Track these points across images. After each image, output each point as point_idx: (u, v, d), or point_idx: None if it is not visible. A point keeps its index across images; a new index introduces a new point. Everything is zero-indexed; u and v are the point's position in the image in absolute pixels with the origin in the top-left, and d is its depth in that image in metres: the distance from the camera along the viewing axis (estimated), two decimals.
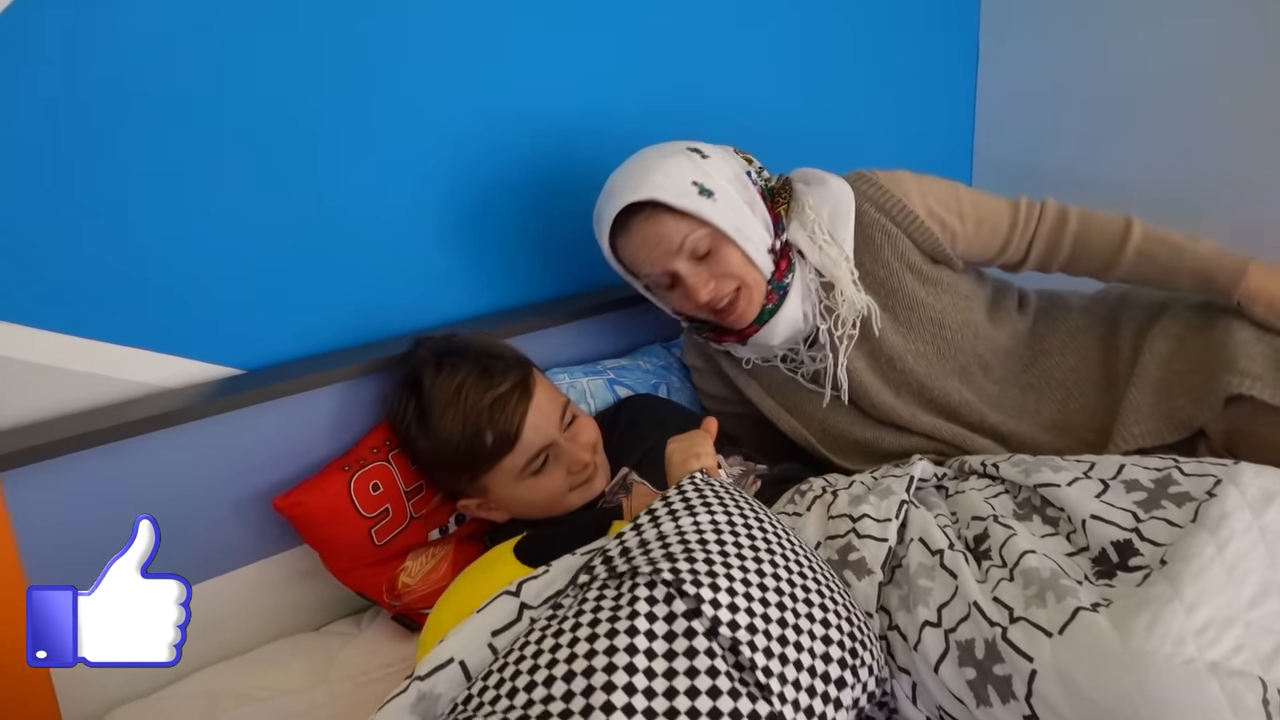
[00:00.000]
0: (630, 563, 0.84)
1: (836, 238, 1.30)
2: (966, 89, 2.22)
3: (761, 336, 1.31)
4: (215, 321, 1.26)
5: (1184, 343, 1.30)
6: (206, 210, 1.22)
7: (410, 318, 1.43)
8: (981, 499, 1.09)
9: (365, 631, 1.30)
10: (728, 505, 0.93)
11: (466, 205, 1.47)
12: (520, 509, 1.25)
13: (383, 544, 1.24)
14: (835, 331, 1.31)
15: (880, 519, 1.06)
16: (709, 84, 1.75)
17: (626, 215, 1.24)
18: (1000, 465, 1.13)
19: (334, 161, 1.32)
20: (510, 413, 1.18)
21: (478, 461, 1.19)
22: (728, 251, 1.25)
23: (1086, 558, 0.97)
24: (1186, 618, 0.83)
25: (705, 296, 1.24)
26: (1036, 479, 1.06)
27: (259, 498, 1.24)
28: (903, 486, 1.11)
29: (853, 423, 1.39)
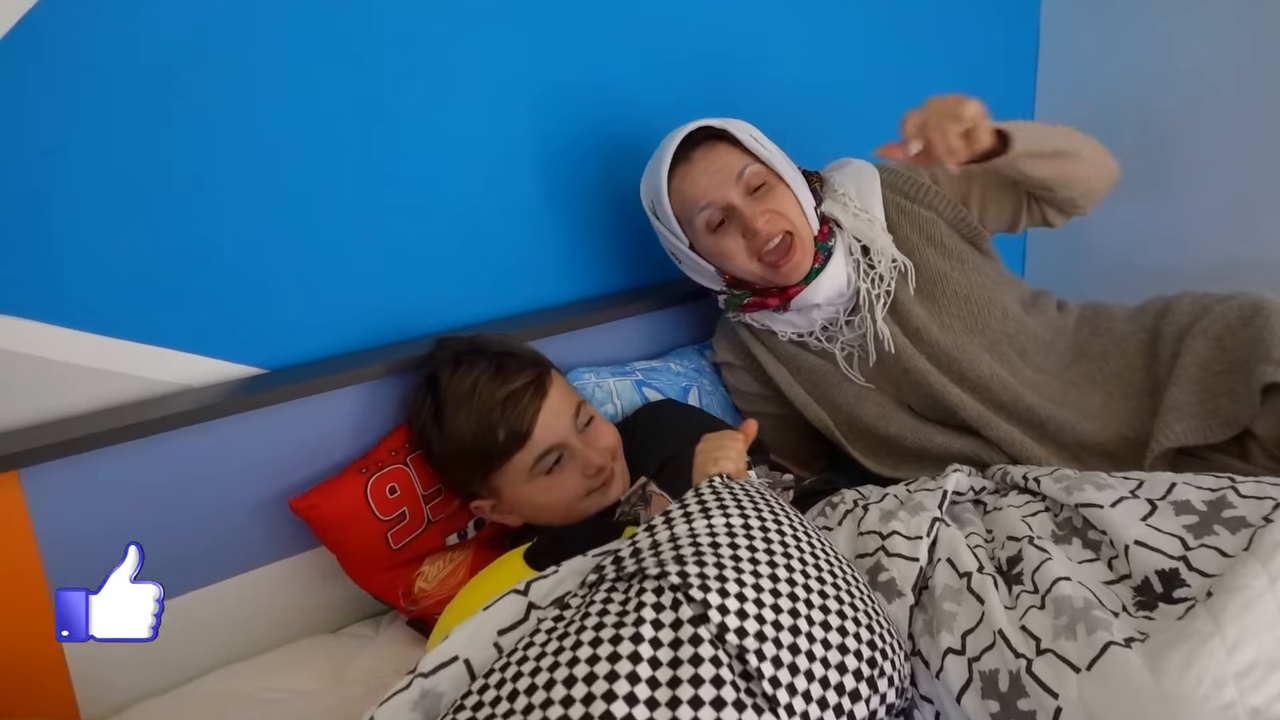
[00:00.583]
0: (639, 563, 0.82)
1: (867, 207, 1.38)
2: (1026, 82, 2.16)
3: (806, 296, 1.34)
4: (239, 320, 1.25)
5: (1222, 343, 1.27)
6: (232, 209, 1.22)
7: (435, 318, 1.41)
8: (1019, 517, 1.03)
9: (383, 635, 1.28)
10: (745, 508, 0.89)
11: (494, 206, 1.46)
12: (533, 512, 1.22)
13: (399, 547, 1.22)
14: (874, 290, 1.34)
15: (910, 536, 1.01)
16: (754, 70, 1.72)
17: (688, 148, 1.31)
18: (1042, 480, 1.07)
19: (359, 163, 1.31)
20: (523, 409, 1.16)
21: (489, 458, 1.17)
22: (782, 192, 1.32)
23: (1128, 586, 0.90)
24: (1228, 658, 0.76)
25: (760, 224, 1.28)
26: (1079, 497, 1.00)
27: (280, 497, 1.23)
28: (935, 502, 1.05)
29: (880, 416, 1.38)
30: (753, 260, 1.32)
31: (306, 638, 1.30)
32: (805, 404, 1.43)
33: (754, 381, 1.50)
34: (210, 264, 1.22)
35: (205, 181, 1.20)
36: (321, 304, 1.32)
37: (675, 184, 1.33)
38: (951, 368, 1.34)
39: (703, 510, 0.88)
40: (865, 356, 1.39)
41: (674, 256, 1.44)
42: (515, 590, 0.86)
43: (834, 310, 1.39)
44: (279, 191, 1.25)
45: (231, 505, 1.22)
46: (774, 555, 0.84)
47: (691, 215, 1.33)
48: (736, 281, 1.39)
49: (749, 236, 1.30)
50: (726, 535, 0.85)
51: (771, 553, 0.84)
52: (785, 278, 1.33)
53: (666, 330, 1.62)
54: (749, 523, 0.87)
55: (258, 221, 1.25)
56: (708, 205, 1.30)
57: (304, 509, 1.18)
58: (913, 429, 1.36)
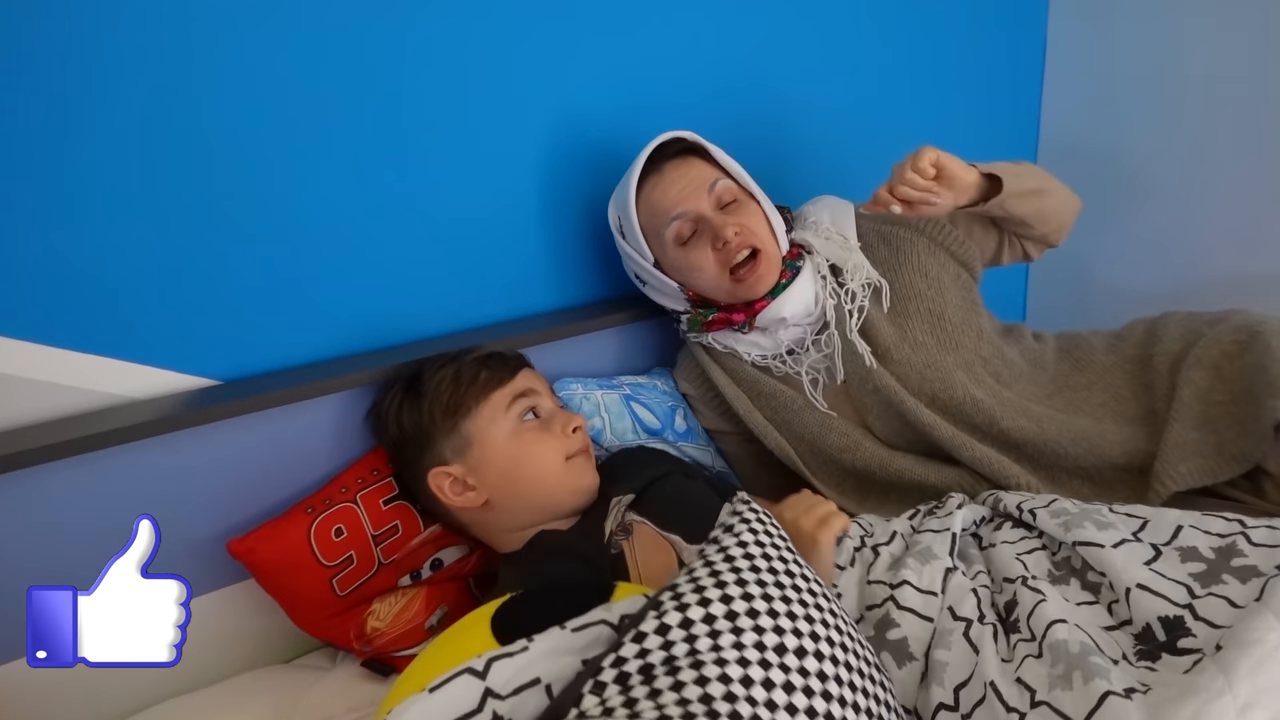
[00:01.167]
0: (651, 687, 0.70)
1: (841, 231, 1.37)
2: (1033, 85, 2.13)
3: (772, 311, 1.30)
4: (189, 329, 1.18)
5: (1221, 371, 1.20)
6: (180, 210, 1.15)
7: (407, 327, 1.35)
8: (1013, 555, 0.97)
9: (339, 668, 1.20)
10: (780, 619, 0.76)
11: (478, 213, 1.39)
12: (506, 482, 1.13)
13: (345, 594, 1.14)
14: (847, 306, 1.31)
15: (923, 589, 0.94)
16: (762, 91, 1.70)
17: (659, 161, 1.30)
18: (1038, 513, 1.00)
19: (322, 162, 1.24)
20: (506, 356, 1.22)
21: (465, 397, 1.14)
22: (752, 209, 1.31)
23: (1128, 633, 0.83)
24: (1239, 717, 0.69)
25: (729, 233, 1.25)
26: (1078, 535, 0.92)
27: (231, 518, 1.17)
28: (945, 548, 0.98)
29: (844, 448, 1.31)
30: (723, 273, 1.28)
31: (256, 669, 1.22)
32: (765, 432, 1.36)
33: (715, 416, 1.44)
34: (157, 268, 1.15)
35: (150, 179, 1.12)
36: (280, 312, 1.24)
37: (645, 194, 1.31)
38: (923, 388, 1.27)
39: (728, 614, 0.75)
40: (831, 381, 1.33)
41: (637, 278, 1.41)
42: (471, 670, 0.75)
43: (800, 331, 1.34)
44: (231, 191, 1.18)
45: (179, 524, 1.14)
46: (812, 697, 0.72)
47: (660, 227, 1.30)
48: (701, 300, 1.34)
49: (718, 248, 1.27)
50: (759, 666, 0.71)
51: (810, 691, 0.72)
52: (750, 290, 1.29)
53: (651, 347, 1.56)
54: (784, 643, 0.74)
55: (210, 224, 1.17)
56: (679, 215, 1.28)
57: (242, 553, 1.10)
58: (880, 463, 1.29)
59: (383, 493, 1.19)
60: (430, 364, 1.20)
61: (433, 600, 1.19)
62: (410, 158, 1.31)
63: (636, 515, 1.12)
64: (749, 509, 0.90)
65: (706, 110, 1.60)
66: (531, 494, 1.15)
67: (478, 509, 1.15)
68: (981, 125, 2.05)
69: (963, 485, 1.24)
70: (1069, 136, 2.12)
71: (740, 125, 1.65)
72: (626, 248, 1.37)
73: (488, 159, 1.38)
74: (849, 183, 1.55)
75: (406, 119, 1.29)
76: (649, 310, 1.47)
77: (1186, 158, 1.93)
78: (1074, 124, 2.11)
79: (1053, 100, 2.14)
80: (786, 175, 1.69)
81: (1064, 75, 2.11)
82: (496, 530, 1.17)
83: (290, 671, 1.22)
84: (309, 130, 1.22)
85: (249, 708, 1.13)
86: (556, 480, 1.16)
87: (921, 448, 1.29)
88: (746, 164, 1.35)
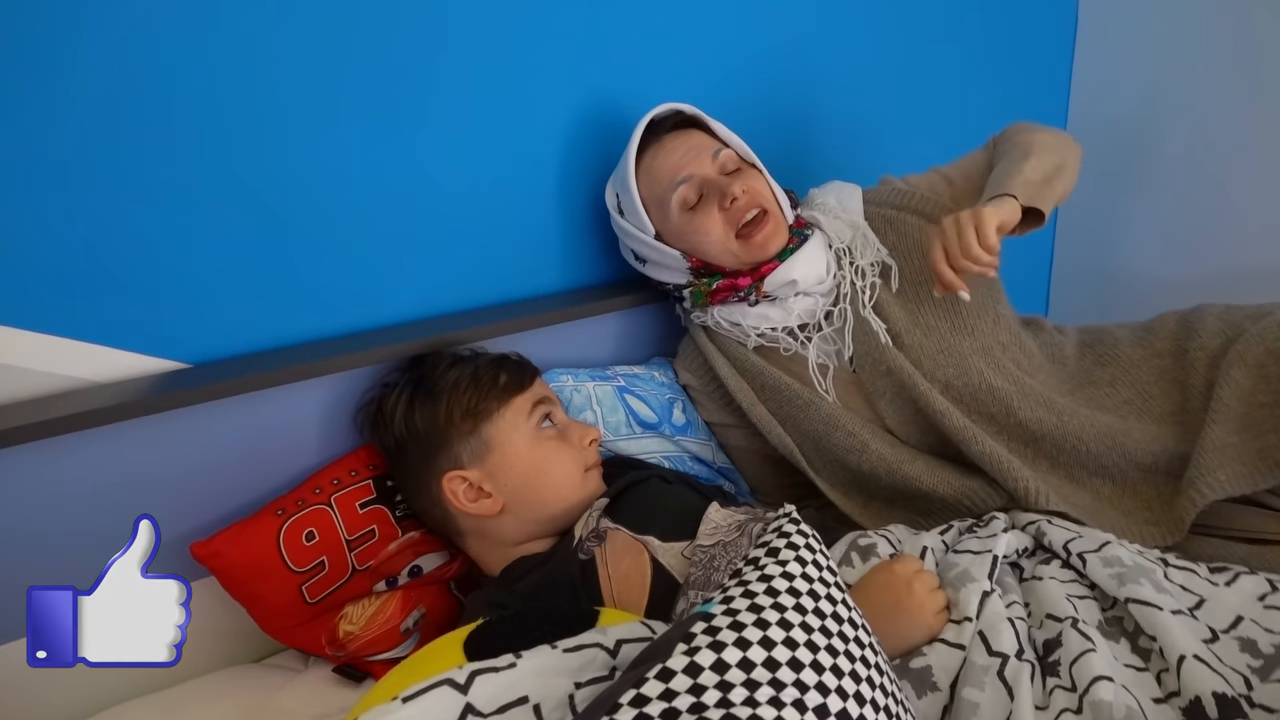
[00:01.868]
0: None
1: (847, 210, 1.33)
2: (1062, 64, 2.04)
3: (781, 273, 1.24)
4: (156, 307, 1.09)
5: (1265, 370, 1.13)
6: (147, 178, 1.05)
7: (382, 310, 1.26)
8: (1063, 594, 0.88)
9: (310, 671, 1.14)
10: (824, 674, 0.67)
11: (479, 192, 1.31)
12: (525, 489, 1.08)
13: (315, 601, 1.07)
14: (859, 282, 1.26)
15: (956, 618, 0.87)
16: (789, 80, 1.64)
17: (659, 133, 1.26)
18: (1088, 559, 0.91)
19: (296, 131, 1.14)
20: (522, 362, 1.17)
21: (486, 400, 1.09)
22: (755, 176, 1.26)
23: (1176, 707, 0.76)
24: None
25: (737, 189, 1.21)
26: (1132, 592, 0.84)
27: (197, 514, 1.09)
28: (984, 570, 0.90)
29: (850, 448, 1.23)
30: (730, 233, 1.23)
31: (225, 668, 1.15)
32: (768, 426, 1.28)
33: (717, 408, 1.37)
34: (120, 244, 1.06)
35: (114, 147, 1.03)
36: (263, 288, 1.16)
37: (645, 165, 1.27)
38: (937, 374, 1.21)
39: (768, 661, 0.66)
40: (841, 367, 1.26)
41: (635, 258, 1.34)
42: (451, 681, 0.68)
43: (812, 303, 1.27)
44: (201, 162, 1.09)
45: (140, 514, 1.07)
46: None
47: (663, 194, 1.25)
48: (704, 268, 1.27)
49: (725, 207, 1.22)
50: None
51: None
52: (758, 249, 1.24)
53: (654, 327, 1.48)
54: (826, 703, 0.66)
55: (178, 195, 1.08)
56: (684, 179, 1.24)
57: (206, 556, 1.03)
58: (887, 468, 1.21)
59: (359, 495, 1.12)
60: (435, 362, 1.14)
61: (409, 602, 1.12)
62: (410, 130, 1.23)
63: (610, 521, 1.05)
64: (795, 527, 0.82)
65: (726, 93, 1.52)
66: (548, 503, 1.09)
67: (489, 517, 1.08)
68: (1008, 106, 1.95)
69: (972, 499, 1.17)
70: (1098, 117, 2.03)
71: (760, 107, 1.58)
72: (625, 224, 1.30)
73: (497, 136, 1.31)
74: (871, 166, 1.47)
75: (402, 90, 1.21)
76: (650, 295, 1.39)
77: (1219, 143, 1.85)
78: (1103, 106, 2.03)
79: (1082, 81, 2.05)
80: (807, 158, 1.61)
81: (1094, 55, 2.03)
82: (497, 541, 1.11)
83: (259, 672, 1.15)
84: (297, 96, 1.13)
85: (212, 710, 1.06)
86: (574, 490, 1.11)
87: (932, 441, 1.23)
88: (765, 148, 1.29)
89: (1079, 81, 2.05)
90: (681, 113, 1.29)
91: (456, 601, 1.18)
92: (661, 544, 1.02)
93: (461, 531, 1.11)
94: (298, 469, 1.15)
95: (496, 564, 1.10)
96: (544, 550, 1.09)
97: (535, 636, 0.78)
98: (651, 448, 1.29)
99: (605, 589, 1.00)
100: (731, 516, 1.06)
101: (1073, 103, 2.06)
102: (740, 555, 0.95)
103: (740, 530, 1.04)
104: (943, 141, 1.83)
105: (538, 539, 1.10)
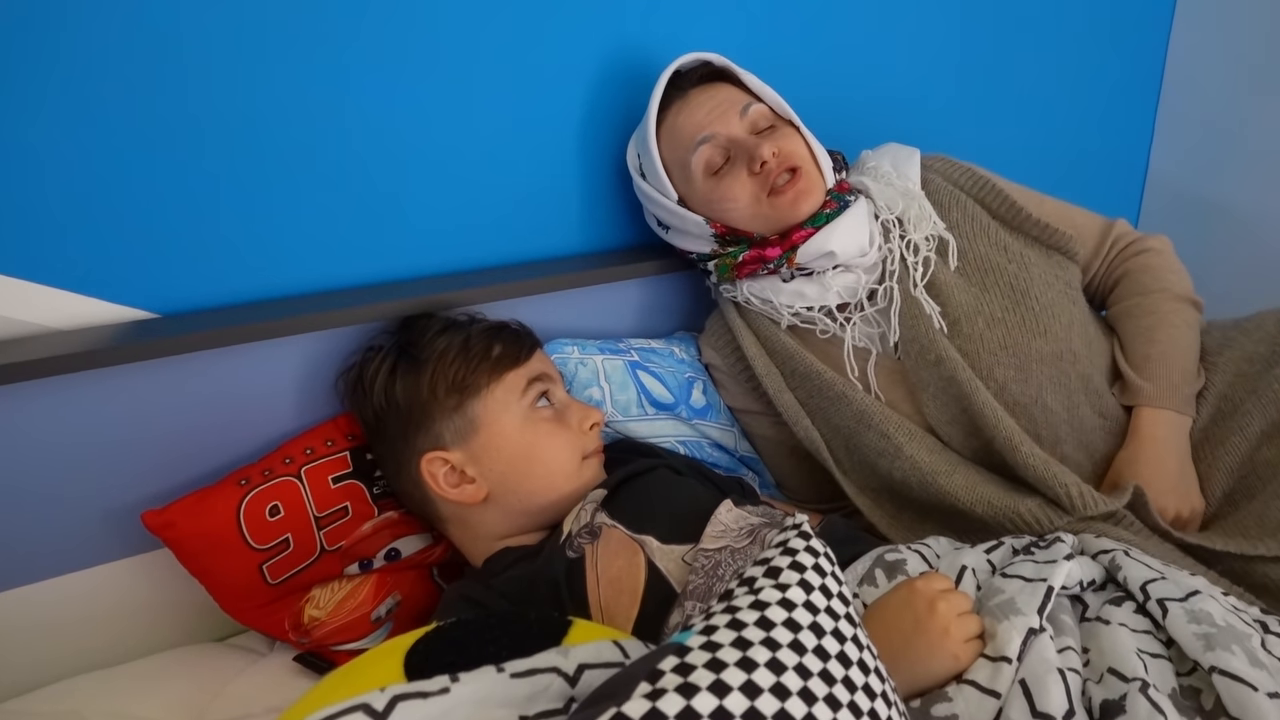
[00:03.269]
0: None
1: (904, 175, 1.18)
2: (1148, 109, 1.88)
3: (818, 242, 1.09)
4: (124, 249, 0.99)
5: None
6: (109, 104, 0.95)
7: (379, 264, 1.15)
8: (1133, 648, 0.73)
9: (274, 655, 1.04)
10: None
11: (465, 134, 1.17)
12: (512, 476, 0.97)
13: (278, 583, 0.97)
14: (910, 258, 1.11)
15: (994, 656, 0.72)
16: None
17: (684, 88, 1.14)
18: (1170, 608, 0.76)
19: (282, 61, 1.02)
20: (521, 332, 1.05)
21: (475, 374, 0.97)
22: (790, 135, 1.12)
23: None
24: None
25: (767, 151, 1.07)
26: (1220, 660, 0.69)
27: (157, 478, 1.00)
28: (1035, 603, 0.75)
29: (881, 451, 1.09)
30: (761, 196, 1.09)
31: (186, 645, 1.07)
32: (795, 417, 1.14)
33: (742, 393, 1.22)
34: (85, 182, 0.96)
35: (78, 77, 0.93)
36: (247, 232, 1.05)
37: (668, 124, 1.14)
38: (994, 373, 1.06)
39: (750, 713, 0.54)
40: (884, 354, 1.12)
41: (659, 224, 1.21)
42: (367, 709, 0.56)
43: (854, 279, 1.12)
44: (190, 85, 0.98)
45: (104, 476, 0.98)
46: None
47: (685, 156, 1.12)
48: (730, 235, 1.13)
49: (755, 171, 1.08)
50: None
51: None
52: (789, 209, 1.09)
53: (681, 297, 1.34)
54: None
55: (147, 130, 0.97)
56: (706, 139, 1.10)
57: (158, 527, 0.93)
58: (920, 480, 1.06)
59: (333, 468, 1.01)
60: (425, 327, 1.02)
61: (384, 588, 1.02)
62: (416, 64, 1.10)
63: (607, 517, 0.93)
64: (804, 543, 0.69)
65: (772, 41, 1.38)
66: (537, 492, 0.97)
67: (471, 504, 0.97)
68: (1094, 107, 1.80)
69: (1015, 523, 1.01)
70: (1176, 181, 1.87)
71: (812, 59, 1.43)
72: (647, 188, 1.17)
73: (513, 76, 1.17)
74: (932, 142, 1.32)
75: (403, 19, 1.08)
76: (679, 261, 1.26)
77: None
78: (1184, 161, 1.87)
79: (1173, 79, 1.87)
80: (859, 121, 1.47)
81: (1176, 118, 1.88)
82: (480, 532, 1.00)
83: (220, 652, 1.06)
84: (285, 19, 1.01)
85: (163, 689, 0.97)
86: (568, 480, 0.99)
87: (976, 447, 1.08)
88: (809, 107, 1.15)
89: (1170, 80, 1.87)
90: (710, 64, 1.15)
91: (438, 589, 1.08)
92: (660, 546, 0.90)
93: (442, 518, 1.00)
94: (271, 435, 1.05)
95: (479, 555, 0.99)
96: (533, 543, 0.97)
97: (488, 652, 0.66)
98: (665, 431, 1.16)
99: (592, 594, 0.88)
100: (745, 518, 0.93)
101: (1166, 77, 1.87)
102: (751, 563, 0.82)
103: (752, 536, 0.90)
104: (1004, 129, 1.69)
105: (526, 533, 0.98)
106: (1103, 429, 1.09)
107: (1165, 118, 1.90)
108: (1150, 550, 0.93)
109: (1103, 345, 1.15)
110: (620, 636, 0.72)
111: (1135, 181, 1.95)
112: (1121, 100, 1.86)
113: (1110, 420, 1.10)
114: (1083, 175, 1.85)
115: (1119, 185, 1.94)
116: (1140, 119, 1.91)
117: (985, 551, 0.89)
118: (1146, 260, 1.20)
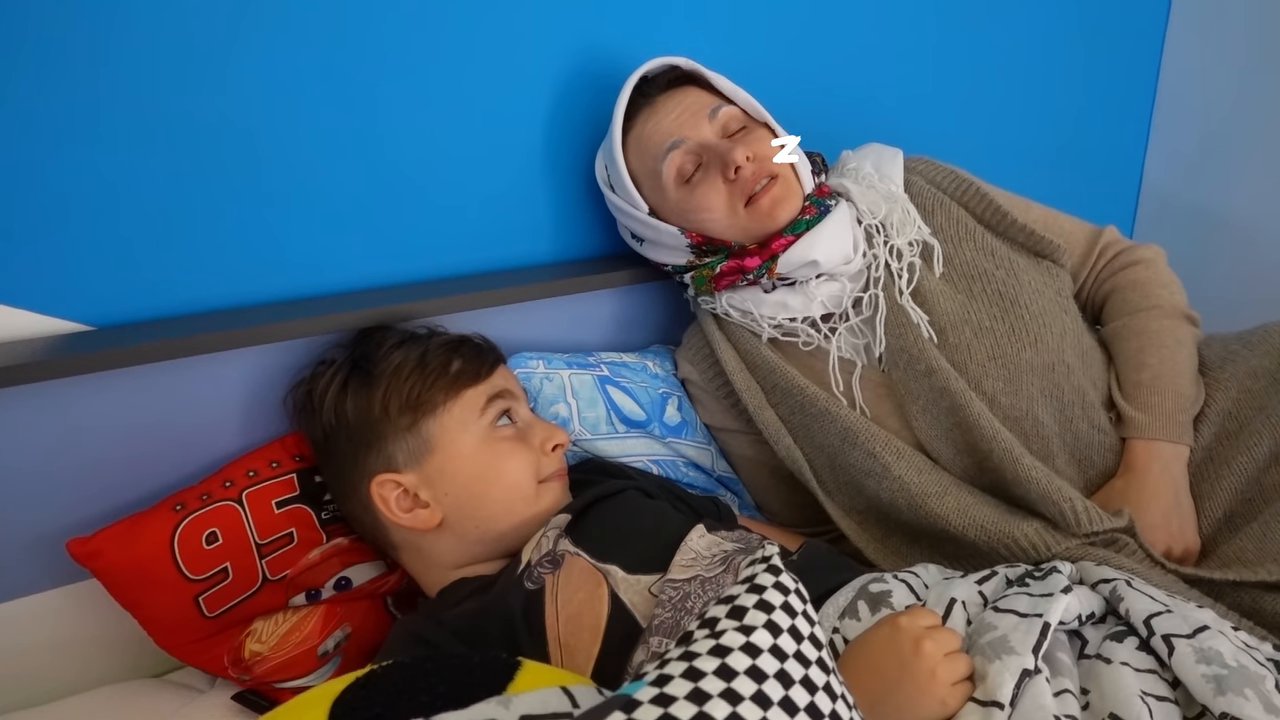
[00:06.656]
0: None
1: (886, 178, 1.11)
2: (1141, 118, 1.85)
3: (799, 250, 1.03)
4: (55, 258, 0.93)
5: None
6: (40, 113, 0.89)
7: (333, 274, 1.08)
8: (1137, 690, 0.67)
9: (214, 693, 0.97)
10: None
11: (423, 139, 1.10)
12: (467, 500, 0.90)
13: (215, 615, 0.91)
14: (894, 264, 1.05)
15: (984, 701, 0.66)
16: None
17: (650, 94, 1.08)
18: (1177, 644, 0.70)
19: (223, 57, 0.96)
20: (483, 347, 0.99)
21: (431, 391, 0.91)
22: (764, 138, 1.06)
23: None
24: None
25: (740, 156, 1.00)
26: (1232, 706, 0.63)
27: (87, 503, 0.93)
28: (1029, 642, 0.69)
29: (867, 472, 1.02)
30: (738, 205, 1.03)
31: (120, 682, 0.99)
32: (776, 435, 1.08)
33: (720, 410, 1.16)
34: (13, 175, 0.89)
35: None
36: (191, 240, 0.99)
37: (634, 134, 1.08)
38: (983, 384, 1.00)
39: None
40: (870, 365, 1.06)
41: (632, 237, 1.15)
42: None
43: (839, 289, 1.06)
44: (124, 89, 0.92)
45: (18, 504, 0.91)
46: None
47: (656, 166, 1.06)
48: (706, 245, 1.07)
49: (730, 179, 1.02)
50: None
51: None
52: (766, 217, 1.03)
53: (657, 309, 1.28)
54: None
55: (86, 132, 0.91)
56: (677, 144, 1.04)
57: (84, 556, 0.86)
58: (909, 501, 1.00)
59: (277, 491, 0.94)
60: (380, 340, 0.96)
61: (332, 620, 0.95)
62: (367, 63, 1.04)
63: (571, 544, 0.86)
64: (773, 578, 0.62)
65: (744, 42, 1.32)
66: (495, 517, 0.91)
67: (424, 530, 0.90)
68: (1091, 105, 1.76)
69: (1010, 549, 0.95)
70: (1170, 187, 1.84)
71: (786, 60, 1.37)
72: (617, 200, 1.11)
73: (475, 79, 1.11)
74: (912, 144, 1.26)
75: (353, 14, 1.02)
76: (652, 272, 1.19)
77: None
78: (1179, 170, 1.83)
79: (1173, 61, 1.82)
80: (838, 123, 1.41)
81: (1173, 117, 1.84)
82: (435, 561, 0.93)
83: (156, 690, 0.98)
84: (226, 13, 0.95)
85: None
86: (526, 504, 0.92)
87: (968, 464, 1.02)
88: (786, 109, 1.10)
89: (1165, 86, 1.83)
90: (677, 68, 1.09)
91: (393, 620, 1.01)
92: (625, 576, 0.83)
93: (394, 544, 0.93)
94: (213, 457, 0.98)
95: (434, 585, 0.92)
96: (491, 573, 0.90)
97: (420, 702, 0.60)
98: (637, 450, 1.10)
99: (551, 629, 0.81)
100: (718, 545, 0.87)
101: (1161, 84, 1.82)
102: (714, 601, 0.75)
103: (725, 563, 0.84)
104: (998, 134, 1.64)
105: (484, 561, 0.92)
106: (1099, 444, 1.04)
107: (1160, 125, 1.86)
108: (1153, 580, 0.87)
109: (1098, 357, 1.09)
110: (573, 680, 0.66)
111: (1130, 189, 1.90)
112: (1116, 107, 1.81)
113: (1107, 435, 1.04)
114: (1077, 181, 1.80)
115: (1114, 192, 1.89)
116: (1135, 126, 1.86)
117: (977, 582, 0.83)
118: (1135, 275, 1.14)
